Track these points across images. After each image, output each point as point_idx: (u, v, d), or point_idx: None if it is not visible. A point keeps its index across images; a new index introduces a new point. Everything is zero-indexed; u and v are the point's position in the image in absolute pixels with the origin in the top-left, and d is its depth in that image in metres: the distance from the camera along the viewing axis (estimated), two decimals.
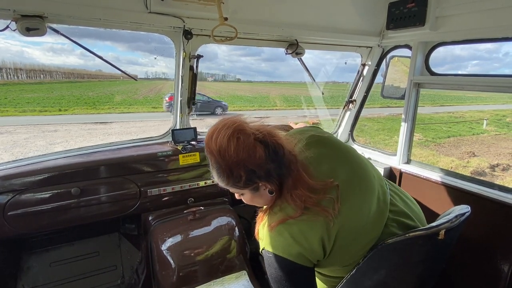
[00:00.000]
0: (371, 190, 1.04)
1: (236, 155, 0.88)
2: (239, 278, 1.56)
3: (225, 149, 0.89)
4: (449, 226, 0.96)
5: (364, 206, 1.01)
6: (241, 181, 0.93)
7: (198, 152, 1.94)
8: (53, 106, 19.05)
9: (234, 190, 1.01)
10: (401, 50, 2.15)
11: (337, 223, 0.94)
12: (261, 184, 0.95)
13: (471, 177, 1.83)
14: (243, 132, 0.90)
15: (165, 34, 1.69)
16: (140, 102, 23.53)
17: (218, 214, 1.87)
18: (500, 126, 16.46)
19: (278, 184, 0.96)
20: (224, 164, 0.90)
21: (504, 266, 1.56)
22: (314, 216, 0.93)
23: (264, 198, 1.01)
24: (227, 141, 0.89)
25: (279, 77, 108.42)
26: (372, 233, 1.01)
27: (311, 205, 0.93)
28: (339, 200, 0.95)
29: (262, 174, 0.92)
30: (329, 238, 0.94)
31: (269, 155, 0.91)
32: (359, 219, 0.99)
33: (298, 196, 0.93)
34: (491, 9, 1.51)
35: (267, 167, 0.92)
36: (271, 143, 0.92)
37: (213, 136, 0.91)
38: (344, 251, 0.98)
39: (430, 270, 1.08)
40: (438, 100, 30.61)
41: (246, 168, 0.90)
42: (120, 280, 1.99)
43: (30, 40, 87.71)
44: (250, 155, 0.89)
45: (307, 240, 0.92)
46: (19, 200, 1.53)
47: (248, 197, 1.02)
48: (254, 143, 0.90)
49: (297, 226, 0.93)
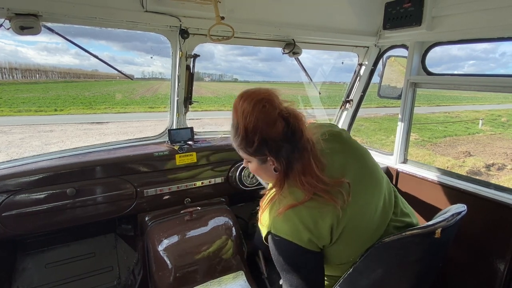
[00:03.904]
0: (379, 190, 1.05)
1: (256, 120, 0.92)
2: (236, 279, 1.56)
3: (248, 112, 0.92)
4: (445, 224, 0.96)
5: (371, 204, 1.02)
6: (252, 147, 0.95)
7: (195, 152, 1.93)
8: (49, 106, 18.93)
9: (243, 155, 1.03)
10: (398, 50, 2.16)
11: (346, 217, 0.94)
12: (269, 158, 0.97)
13: (467, 177, 1.84)
14: (270, 103, 0.93)
15: (162, 33, 1.68)
16: (136, 102, 23.46)
17: (215, 214, 1.86)
18: (495, 126, 16.60)
19: (285, 165, 0.96)
20: (242, 125, 0.93)
21: (500, 265, 1.56)
22: (323, 203, 0.93)
23: (268, 174, 1.03)
24: (253, 105, 0.92)
25: (276, 77, 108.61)
26: (375, 232, 1.02)
27: (320, 192, 0.93)
28: (350, 195, 0.96)
29: (273, 149, 0.94)
30: (337, 227, 0.94)
31: (286, 134, 0.93)
32: (365, 217, 1.00)
33: (307, 182, 0.94)
34: (487, 9, 1.51)
35: (280, 144, 0.93)
36: (293, 124, 0.94)
37: (243, 97, 0.95)
38: (346, 246, 0.99)
39: (427, 269, 1.08)
40: (434, 100, 30.80)
41: (260, 136, 0.92)
42: (116, 281, 1.98)
43: (25, 39, 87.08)
44: (269, 126, 0.92)
45: (316, 226, 0.92)
46: (14, 201, 1.52)
47: (254, 167, 1.04)
48: (277, 117, 0.93)
49: (307, 211, 0.93)
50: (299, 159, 0.95)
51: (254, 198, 2.37)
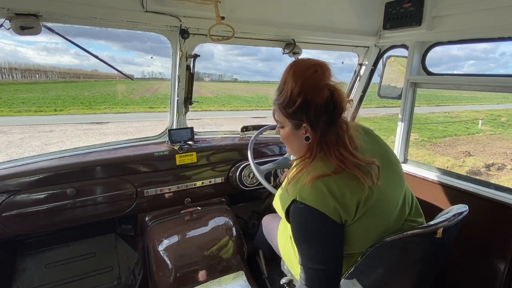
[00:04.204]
0: (401, 186, 1.08)
1: (304, 82, 0.95)
2: (237, 279, 1.56)
3: (302, 71, 0.97)
4: (447, 225, 0.96)
5: (394, 197, 1.03)
6: (292, 108, 0.97)
7: (195, 152, 1.93)
8: (49, 106, 18.93)
9: (279, 117, 1.05)
10: (398, 50, 2.15)
11: (372, 198, 0.95)
12: (305, 125, 0.99)
13: (468, 176, 1.84)
14: (323, 70, 0.97)
15: (162, 34, 1.68)
16: (136, 102, 23.45)
17: (215, 214, 1.86)
18: (495, 126, 16.61)
19: (319, 135, 0.98)
20: (290, 84, 0.97)
21: (500, 265, 1.56)
22: (352, 179, 0.94)
23: (298, 142, 1.04)
24: (306, 68, 0.97)
25: (276, 77, 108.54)
26: (392, 226, 1.02)
27: (351, 167, 0.94)
28: (378, 178, 0.97)
29: (311, 116, 0.96)
30: (363, 205, 0.94)
31: (327, 105, 0.95)
32: (388, 205, 1.00)
33: (340, 154, 0.96)
34: (488, 9, 1.51)
35: (320, 113, 0.95)
36: (336, 99, 0.96)
37: (296, 61, 1.01)
38: (364, 231, 0.98)
39: (428, 268, 1.08)
40: (434, 100, 30.83)
41: (304, 99, 0.95)
42: (116, 281, 1.98)
43: (24, 39, 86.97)
44: (314, 91, 0.95)
45: (344, 197, 0.92)
46: (14, 201, 1.52)
47: (286, 132, 1.05)
48: (324, 86, 0.96)
49: (335, 182, 0.93)
50: (334, 133, 0.97)
51: (254, 198, 2.37)
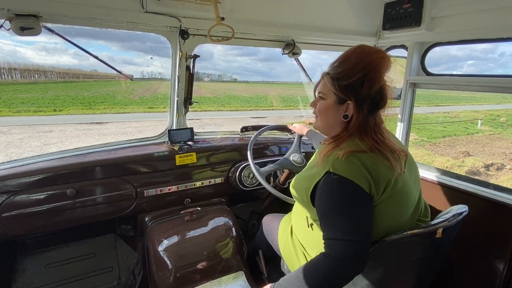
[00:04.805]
0: (418, 184, 1.13)
1: (371, 61, 0.98)
2: (236, 279, 1.56)
3: (371, 52, 0.99)
4: (447, 225, 0.97)
5: (414, 193, 1.07)
6: (347, 81, 0.99)
7: (195, 153, 1.93)
8: (48, 106, 18.90)
9: (325, 88, 1.06)
10: (397, 51, 2.16)
11: (397, 184, 0.98)
12: (349, 102, 1.01)
13: (467, 177, 1.84)
14: (388, 62, 1.00)
15: (162, 34, 1.68)
16: (136, 102, 23.44)
17: (215, 215, 1.86)
18: (494, 126, 16.64)
19: (360, 117, 1.01)
20: (355, 58, 0.99)
21: (500, 265, 1.57)
22: (384, 160, 0.97)
23: (336, 118, 1.06)
24: (376, 52, 1.00)
25: (276, 77, 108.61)
26: (407, 221, 1.05)
27: (385, 151, 0.98)
28: (405, 166, 1.01)
29: (361, 96, 0.99)
30: (392, 186, 0.97)
31: (377, 93, 0.99)
32: (408, 198, 1.04)
33: (377, 138, 1.00)
34: (487, 9, 1.52)
35: (368, 96, 0.99)
36: (385, 91, 1.01)
37: (368, 46, 1.03)
38: (385, 215, 0.99)
39: (428, 268, 1.09)
40: (433, 100, 30.87)
41: (363, 76, 0.97)
42: (116, 282, 1.98)
43: (23, 39, 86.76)
44: (375, 74, 0.98)
45: (376, 171, 0.95)
46: (13, 202, 1.51)
47: (327, 104, 1.07)
48: (382, 76, 1.00)
49: (369, 158, 0.96)
50: (372, 119, 1.02)
51: (254, 198, 2.38)
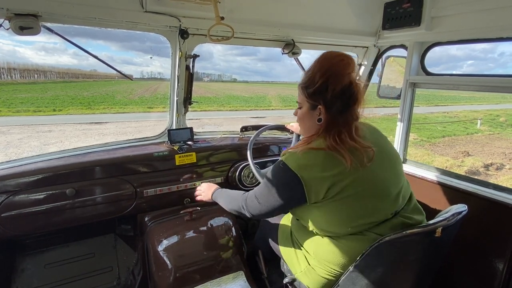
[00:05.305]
0: (397, 178, 1.13)
1: (329, 66, 1.06)
2: (236, 279, 1.56)
3: (330, 57, 1.08)
4: (446, 224, 0.97)
5: (384, 184, 1.07)
6: (312, 88, 1.08)
7: (195, 152, 1.93)
8: (47, 106, 18.90)
9: (300, 97, 1.16)
10: (397, 50, 2.16)
11: (354, 175, 1.01)
12: (320, 107, 1.08)
13: (466, 176, 1.84)
14: (349, 61, 1.06)
15: (161, 34, 1.68)
16: (135, 102, 23.43)
17: (215, 215, 1.86)
18: (493, 125, 16.67)
19: (329, 119, 1.08)
20: (316, 67, 1.08)
21: (499, 264, 1.57)
22: (337, 158, 1.02)
23: (311, 122, 1.14)
24: (335, 56, 1.08)
25: (275, 77, 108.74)
26: (380, 213, 1.06)
27: (342, 149, 1.02)
28: (369, 161, 1.04)
29: (327, 99, 1.06)
30: (346, 183, 1.01)
31: (344, 93, 1.05)
32: (375, 189, 1.05)
33: (338, 136, 1.04)
34: (486, 9, 1.52)
35: (336, 97, 1.05)
36: (354, 90, 1.06)
37: (328, 52, 1.11)
38: (346, 210, 1.04)
39: (427, 267, 1.09)
40: (433, 100, 30.90)
41: (325, 81, 1.05)
42: (116, 281, 1.98)
43: (23, 39, 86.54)
44: (336, 77, 1.04)
45: (325, 167, 1.01)
46: (13, 202, 1.51)
47: (303, 112, 1.16)
48: (346, 75, 1.05)
49: (321, 156, 1.03)
50: (343, 118, 1.07)
51: None
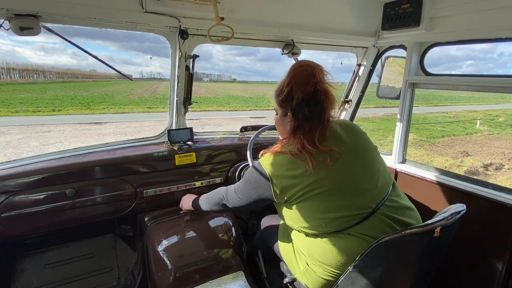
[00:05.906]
0: (371, 170, 1.17)
1: (294, 76, 1.15)
2: (236, 279, 1.56)
3: (295, 68, 1.18)
4: (445, 223, 0.97)
5: (354, 178, 1.12)
6: (281, 96, 1.17)
7: (194, 153, 1.93)
8: (47, 106, 18.89)
9: (275, 104, 1.24)
10: (396, 51, 2.16)
11: (319, 175, 1.08)
12: (289, 114, 1.16)
13: (466, 176, 1.85)
14: (312, 70, 1.14)
15: (161, 34, 1.68)
16: (135, 102, 23.42)
17: (215, 215, 1.86)
18: (493, 125, 16.68)
19: (296, 125, 1.15)
20: (286, 77, 1.17)
21: (499, 264, 1.57)
22: (301, 161, 1.09)
23: (284, 127, 1.23)
24: (300, 66, 1.17)
25: (275, 77, 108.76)
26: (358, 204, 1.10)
27: (305, 153, 1.10)
28: (333, 161, 1.10)
29: (294, 106, 1.13)
30: (311, 182, 1.08)
31: (309, 100, 1.12)
32: (344, 184, 1.10)
33: (301, 142, 1.12)
34: (485, 10, 1.52)
35: (301, 105, 1.12)
36: (320, 97, 1.13)
37: (303, 60, 1.22)
38: (317, 202, 1.10)
39: (426, 267, 1.09)
40: (432, 100, 30.94)
41: (291, 89, 1.13)
42: (116, 282, 1.98)
43: (22, 39, 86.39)
44: (300, 86, 1.12)
45: (288, 168, 1.11)
46: (12, 202, 1.51)
47: (277, 119, 1.26)
48: (310, 83, 1.11)
49: (285, 159, 1.13)
50: (309, 125, 1.14)
51: None
